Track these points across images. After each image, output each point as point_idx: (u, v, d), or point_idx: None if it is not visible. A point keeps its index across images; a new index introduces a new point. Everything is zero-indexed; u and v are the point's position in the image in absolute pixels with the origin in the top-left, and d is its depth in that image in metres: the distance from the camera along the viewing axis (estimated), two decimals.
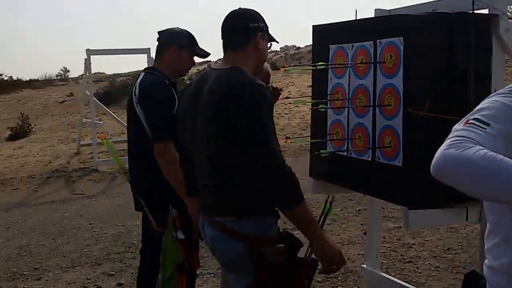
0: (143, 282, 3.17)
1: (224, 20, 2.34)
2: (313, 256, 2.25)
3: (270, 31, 2.45)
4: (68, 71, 30.04)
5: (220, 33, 2.35)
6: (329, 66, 3.27)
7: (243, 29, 2.30)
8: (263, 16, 2.41)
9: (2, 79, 22.72)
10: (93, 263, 5.08)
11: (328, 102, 3.27)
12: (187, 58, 3.12)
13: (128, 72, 22.85)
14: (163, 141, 2.82)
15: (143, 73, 3.10)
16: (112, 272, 4.79)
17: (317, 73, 3.43)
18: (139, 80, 3.06)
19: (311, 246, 2.19)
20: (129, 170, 3.16)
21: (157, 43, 3.14)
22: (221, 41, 2.36)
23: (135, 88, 3.00)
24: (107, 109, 11.57)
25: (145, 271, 3.16)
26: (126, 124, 10.59)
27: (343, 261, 2.21)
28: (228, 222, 2.20)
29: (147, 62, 10.39)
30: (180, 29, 3.14)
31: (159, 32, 3.13)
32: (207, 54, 3.16)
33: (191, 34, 3.13)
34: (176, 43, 3.07)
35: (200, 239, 2.57)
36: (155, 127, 2.87)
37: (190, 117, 2.34)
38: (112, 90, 17.13)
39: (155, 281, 2.87)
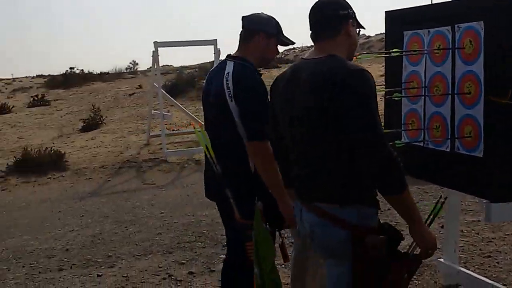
0: (228, 274, 3.12)
1: (312, 9, 2.31)
2: (416, 251, 2.24)
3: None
4: (137, 64, 30.86)
5: (308, 23, 2.32)
6: (404, 53, 3.18)
7: (334, 17, 2.27)
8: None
9: (74, 72, 23.54)
10: (165, 252, 5.18)
11: (403, 90, 3.18)
12: (274, 46, 2.98)
13: (195, 65, 23.19)
14: (259, 140, 2.72)
15: (232, 63, 2.89)
16: (183, 261, 4.86)
17: (391, 61, 3.33)
18: (229, 71, 2.84)
19: (411, 231, 2.17)
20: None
21: (240, 29, 2.98)
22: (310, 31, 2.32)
23: (226, 80, 2.81)
24: (175, 101, 11.76)
25: (230, 263, 3.11)
26: (193, 115, 10.60)
27: (436, 247, 2.23)
28: (329, 209, 2.20)
29: (214, 53, 10.48)
30: (267, 15, 2.98)
31: (244, 18, 2.97)
32: (292, 43, 3.03)
33: (277, 21, 2.98)
34: (265, 31, 2.91)
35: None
36: (250, 125, 2.75)
37: (283, 109, 2.36)
38: (179, 82, 17.40)
39: (241, 274, 2.84)
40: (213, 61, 11.04)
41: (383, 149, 2.03)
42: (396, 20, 3.34)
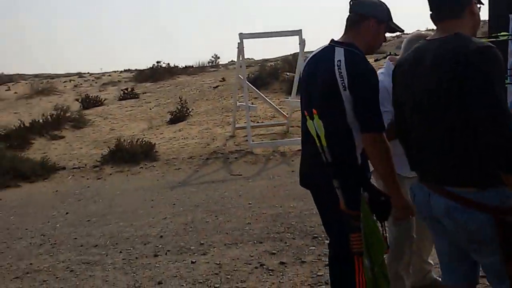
0: (334, 267, 3.05)
1: None
2: None
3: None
4: (219, 57, 31.20)
5: (429, 3, 2.31)
6: (511, 38, 3.02)
7: None
8: None
9: (161, 66, 24.19)
10: (255, 241, 5.23)
11: (509, 77, 3.03)
12: (383, 33, 2.85)
13: (278, 57, 23.21)
14: (375, 132, 2.64)
15: (341, 50, 2.74)
16: (273, 251, 4.89)
17: (495, 46, 3.18)
18: (340, 59, 2.70)
19: None
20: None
21: (348, 13, 2.86)
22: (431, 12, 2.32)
23: (338, 68, 2.67)
24: (261, 93, 11.84)
25: (334, 256, 3.04)
26: (277, 108, 10.62)
27: None
28: (466, 193, 2.18)
29: (299, 44, 10.46)
30: (379, 0, 2.85)
31: (353, 2, 2.84)
32: (402, 30, 2.90)
33: (388, 6, 2.85)
34: (376, 16, 2.79)
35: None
36: (367, 116, 2.66)
37: (403, 94, 2.38)
38: (262, 75, 17.50)
39: (345, 265, 2.79)
40: (297, 53, 11.03)
41: (506, 127, 1.99)
42: (500, 3, 3.19)
